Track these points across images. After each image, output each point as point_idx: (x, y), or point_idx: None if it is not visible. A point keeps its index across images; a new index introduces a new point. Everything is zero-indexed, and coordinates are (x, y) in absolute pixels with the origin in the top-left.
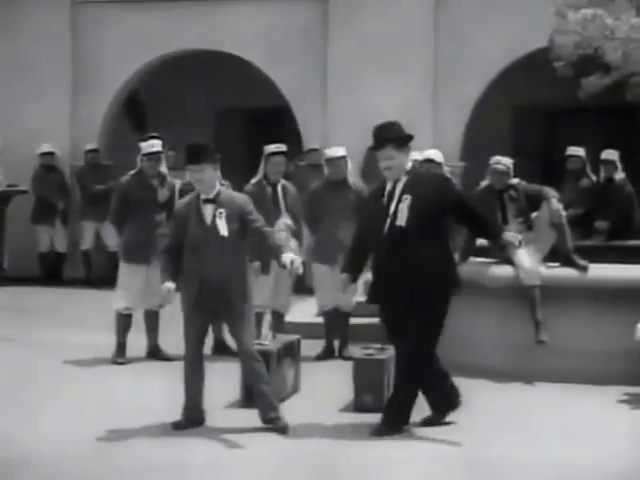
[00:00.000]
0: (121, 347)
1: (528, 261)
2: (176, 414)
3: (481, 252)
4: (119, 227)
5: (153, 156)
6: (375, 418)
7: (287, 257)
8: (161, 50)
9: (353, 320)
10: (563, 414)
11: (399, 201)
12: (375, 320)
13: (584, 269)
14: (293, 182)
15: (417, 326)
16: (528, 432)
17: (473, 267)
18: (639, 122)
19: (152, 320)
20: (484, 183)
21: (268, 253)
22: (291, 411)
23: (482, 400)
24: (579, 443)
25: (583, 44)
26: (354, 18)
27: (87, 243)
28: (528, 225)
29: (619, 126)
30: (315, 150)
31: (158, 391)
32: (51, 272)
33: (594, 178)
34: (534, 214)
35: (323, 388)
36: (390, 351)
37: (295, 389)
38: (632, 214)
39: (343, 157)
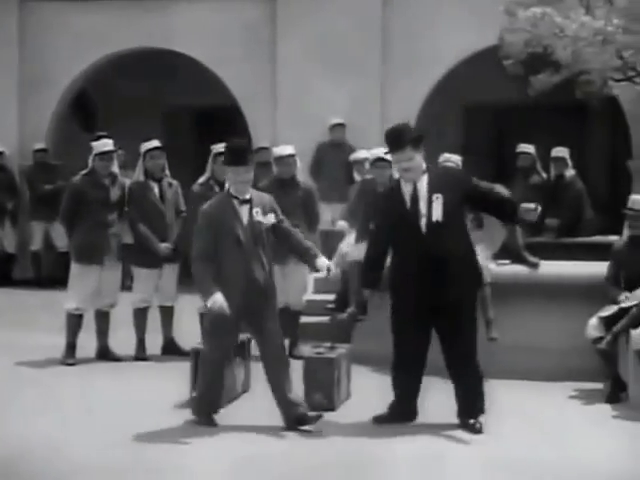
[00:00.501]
0: (71, 348)
1: (479, 258)
2: (125, 414)
3: None
4: (69, 227)
5: (106, 155)
6: (326, 417)
7: (323, 264)
8: (110, 49)
9: (303, 319)
10: (515, 411)
11: (430, 201)
12: (325, 319)
13: (535, 266)
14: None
15: (464, 322)
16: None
17: None
18: (589, 119)
19: (102, 321)
20: None
21: (301, 255)
22: (241, 410)
23: (434, 398)
24: (533, 439)
25: (533, 42)
26: (303, 16)
27: (36, 243)
28: (478, 223)
29: (569, 123)
30: (264, 149)
31: (106, 392)
32: (0, 273)
33: (544, 175)
34: None
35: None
36: (340, 350)
37: (245, 388)
38: (582, 211)
39: (292, 155)
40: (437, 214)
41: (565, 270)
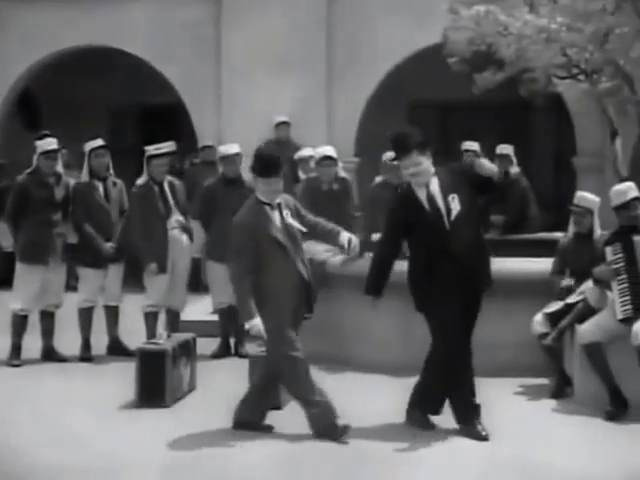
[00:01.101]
0: (16, 349)
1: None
2: (71, 414)
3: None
4: (14, 226)
5: (51, 154)
6: (272, 415)
7: (344, 237)
8: (54, 47)
9: None
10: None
11: (446, 202)
12: None
13: None
14: (188, 180)
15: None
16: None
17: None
18: (533, 117)
19: (48, 321)
20: (379, 178)
21: (327, 238)
22: (187, 410)
23: (385, 396)
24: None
25: (477, 40)
26: (247, 15)
27: None
28: None
29: (514, 121)
30: (209, 147)
31: (52, 392)
32: None
33: None
34: None
35: (219, 386)
36: None
37: (191, 388)
38: (527, 208)
39: (237, 154)
40: (457, 212)
41: (511, 267)
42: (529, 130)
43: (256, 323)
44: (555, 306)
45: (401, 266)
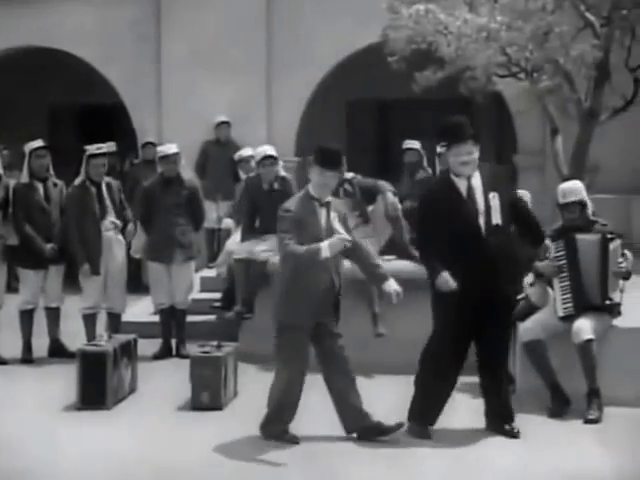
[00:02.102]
0: None
1: None
2: (12, 416)
3: None
4: None
5: None
6: (213, 416)
7: (392, 286)
8: None
9: (189, 318)
10: (404, 406)
11: (486, 199)
12: (212, 317)
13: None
14: (129, 180)
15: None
16: None
17: None
18: (474, 115)
19: None
20: None
21: (366, 268)
22: (128, 412)
23: (320, 395)
24: None
25: (416, 39)
26: (187, 15)
27: None
28: (364, 219)
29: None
30: (151, 144)
31: None
32: None
33: (430, 171)
34: (370, 208)
35: (161, 387)
36: (227, 348)
37: (132, 389)
38: None
39: (176, 154)
40: (496, 215)
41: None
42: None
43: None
44: None
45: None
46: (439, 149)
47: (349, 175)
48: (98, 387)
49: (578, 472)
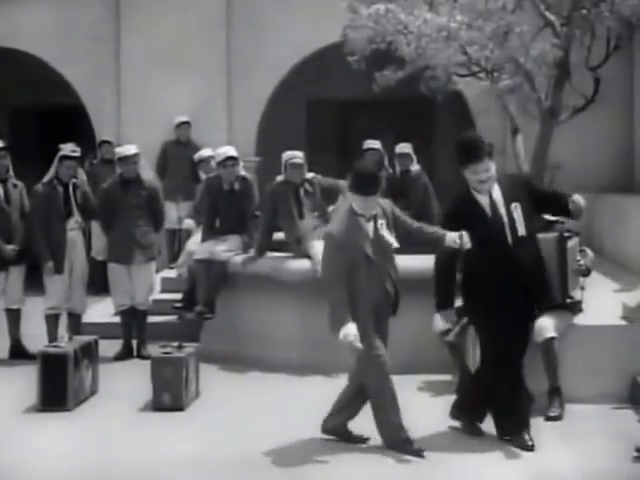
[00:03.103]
0: None
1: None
2: None
3: (277, 246)
4: None
5: None
6: (174, 417)
7: (450, 236)
8: None
9: (150, 318)
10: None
11: (509, 211)
12: (173, 318)
13: None
14: (90, 180)
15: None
16: None
17: (270, 262)
18: (435, 114)
19: None
20: (280, 178)
21: (429, 241)
22: (89, 414)
23: (283, 394)
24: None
25: (376, 39)
26: (146, 15)
27: None
28: (325, 219)
29: (415, 118)
30: (108, 142)
31: None
32: None
33: (391, 170)
34: (330, 207)
35: (122, 388)
36: (188, 349)
37: (94, 390)
38: (429, 205)
39: (135, 154)
40: (521, 226)
41: (412, 264)
42: (431, 127)
43: (349, 332)
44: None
45: (298, 265)
46: (397, 150)
47: (309, 175)
48: (59, 388)
49: (540, 468)
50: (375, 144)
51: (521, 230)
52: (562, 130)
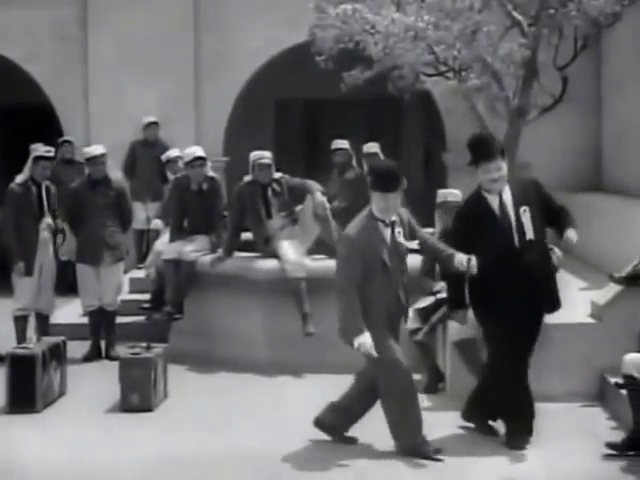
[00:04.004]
0: None
1: (293, 254)
2: None
3: (245, 246)
4: None
5: None
6: (143, 417)
7: (458, 258)
8: None
9: (119, 319)
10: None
11: (517, 214)
12: (141, 318)
13: None
14: (53, 180)
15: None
16: (297, 425)
17: (238, 261)
18: (403, 113)
19: None
20: (247, 178)
21: (441, 260)
22: (57, 415)
23: (252, 394)
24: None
25: (344, 38)
26: (114, 14)
27: None
28: (293, 219)
29: (383, 117)
30: (68, 142)
31: None
32: None
33: (359, 170)
34: (298, 207)
35: (90, 389)
36: (156, 349)
37: (62, 392)
38: None
39: (103, 155)
40: (529, 230)
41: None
42: (399, 127)
43: (365, 341)
44: (426, 302)
45: (266, 264)
46: (365, 149)
47: (277, 175)
48: (27, 390)
49: (508, 467)
50: (343, 144)
51: (529, 234)
52: (530, 129)
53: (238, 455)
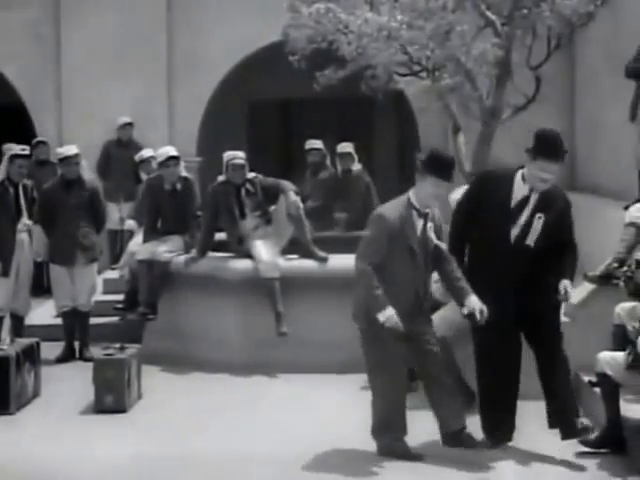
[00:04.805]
0: None
1: (267, 253)
2: None
3: (219, 246)
4: None
5: None
6: (117, 418)
7: (472, 302)
8: None
9: (93, 320)
10: (307, 405)
11: (531, 216)
12: (115, 319)
13: (323, 260)
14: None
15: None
16: (271, 426)
17: (212, 261)
18: (377, 113)
19: None
20: (221, 178)
21: (452, 289)
22: (31, 417)
23: (226, 395)
24: (321, 430)
25: (317, 38)
26: (86, 14)
27: None
28: (267, 219)
29: (357, 117)
30: (43, 143)
31: None
32: None
33: (333, 170)
34: (272, 207)
35: (64, 391)
36: (130, 350)
37: (36, 393)
38: (370, 204)
39: (76, 155)
40: (532, 237)
41: (353, 263)
42: (372, 127)
43: (391, 314)
44: None
45: (240, 264)
46: (339, 149)
47: (251, 175)
48: (1, 392)
49: (481, 464)
50: (317, 144)
51: (530, 240)
52: (503, 129)
53: (212, 456)
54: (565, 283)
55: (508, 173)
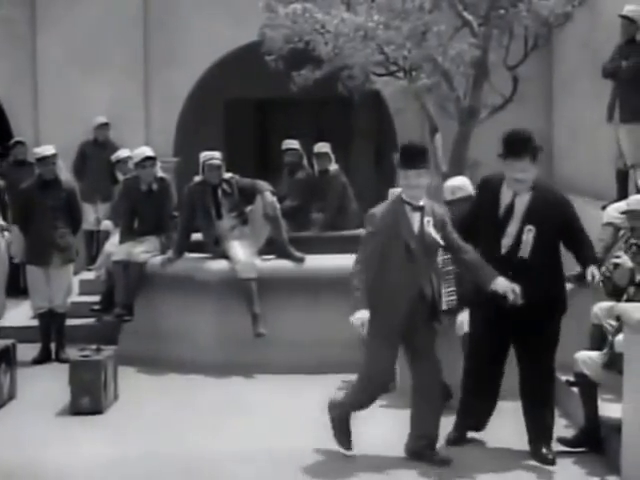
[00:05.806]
0: None
1: (243, 254)
2: None
3: (196, 247)
4: None
5: None
6: (94, 420)
7: (502, 283)
8: None
9: (69, 321)
10: (284, 405)
11: (521, 228)
12: (91, 320)
13: (300, 261)
14: (5, 181)
15: (539, 349)
16: (248, 426)
17: (188, 262)
18: (354, 113)
19: None
20: (197, 178)
21: (477, 276)
22: (6, 419)
23: (203, 396)
24: (299, 431)
25: (293, 38)
26: (62, 14)
27: None
28: (243, 219)
29: (334, 117)
30: (21, 143)
31: None
32: None
33: (310, 170)
34: (249, 208)
35: (40, 392)
36: (106, 352)
37: (12, 395)
38: (347, 204)
39: (53, 155)
40: (525, 247)
41: (330, 263)
42: (349, 127)
43: (361, 316)
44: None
45: (216, 265)
46: (315, 149)
47: (227, 175)
48: None
49: (455, 463)
50: (294, 144)
51: (523, 252)
52: (481, 129)
53: (188, 457)
54: (592, 269)
55: (501, 178)
